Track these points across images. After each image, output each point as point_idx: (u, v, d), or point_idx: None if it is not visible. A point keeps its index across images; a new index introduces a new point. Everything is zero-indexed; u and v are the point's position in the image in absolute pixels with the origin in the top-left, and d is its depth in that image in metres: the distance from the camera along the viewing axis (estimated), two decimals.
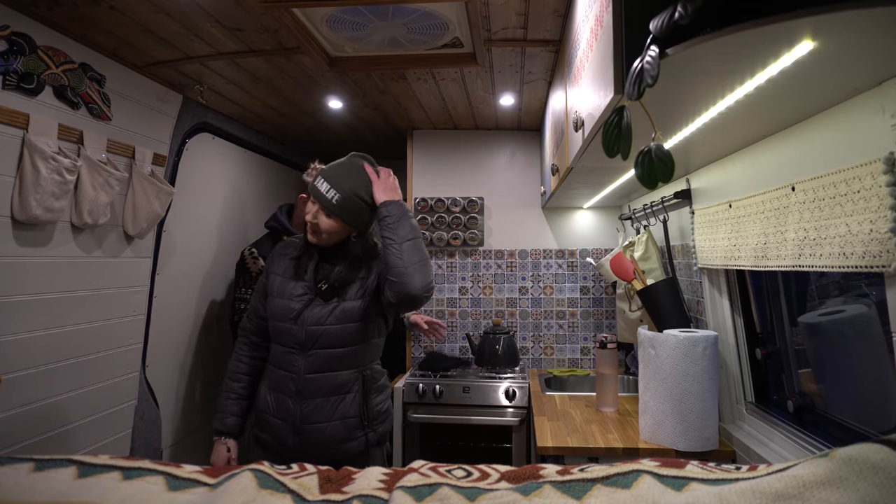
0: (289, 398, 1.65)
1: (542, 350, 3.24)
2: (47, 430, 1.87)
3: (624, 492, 0.66)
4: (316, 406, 1.64)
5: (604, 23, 1.11)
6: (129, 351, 2.29)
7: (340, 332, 1.65)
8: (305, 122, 3.06)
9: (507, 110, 2.87)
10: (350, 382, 1.67)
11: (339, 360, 1.66)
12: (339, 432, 1.65)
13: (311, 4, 1.63)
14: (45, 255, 1.84)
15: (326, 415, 1.64)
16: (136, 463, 0.81)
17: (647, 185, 0.91)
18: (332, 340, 1.64)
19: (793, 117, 1.23)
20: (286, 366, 1.67)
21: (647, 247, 2.38)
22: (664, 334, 1.77)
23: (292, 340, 1.66)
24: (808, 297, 1.59)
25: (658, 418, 1.79)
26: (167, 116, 2.37)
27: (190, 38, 1.88)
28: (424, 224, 3.26)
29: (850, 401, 1.41)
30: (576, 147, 1.58)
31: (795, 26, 0.74)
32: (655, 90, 0.82)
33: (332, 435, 1.64)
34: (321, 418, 1.64)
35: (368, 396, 1.70)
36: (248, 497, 0.71)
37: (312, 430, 1.63)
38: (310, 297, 1.67)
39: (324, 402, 1.64)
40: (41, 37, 1.72)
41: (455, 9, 1.69)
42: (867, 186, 1.01)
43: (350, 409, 1.66)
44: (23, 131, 1.69)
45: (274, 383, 1.69)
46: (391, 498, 0.72)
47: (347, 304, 1.66)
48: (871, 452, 0.57)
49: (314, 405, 1.64)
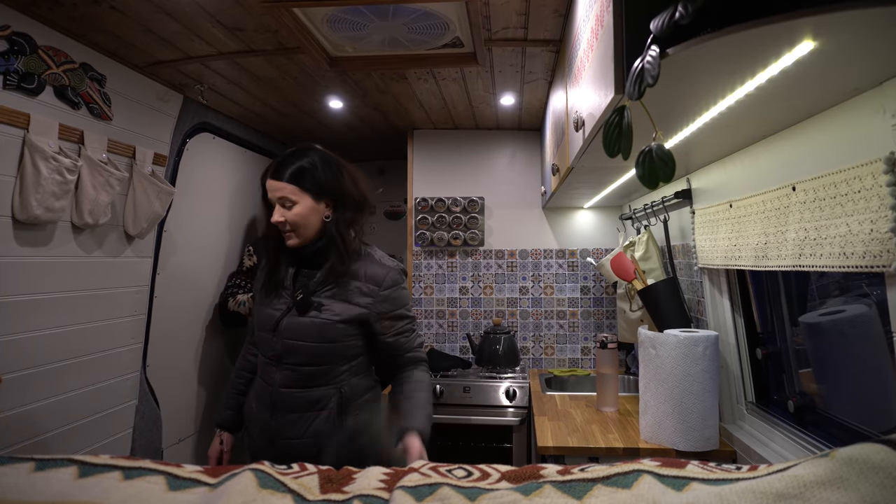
0: (266, 410, 1.58)
1: (543, 350, 3.24)
2: (47, 430, 1.87)
3: (624, 492, 0.66)
4: (289, 421, 1.55)
5: (604, 22, 1.11)
6: (130, 351, 2.29)
7: (316, 349, 1.54)
8: (306, 122, 3.06)
9: (508, 110, 2.87)
10: (325, 399, 1.56)
11: (314, 377, 1.55)
12: (312, 449, 1.54)
13: (312, 4, 1.63)
14: (46, 255, 1.84)
15: (299, 431, 1.55)
16: (137, 463, 0.81)
17: (648, 185, 0.91)
18: (307, 356, 1.54)
19: (793, 117, 1.23)
20: (265, 376, 1.61)
21: (647, 247, 2.37)
22: (665, 334, 1.77)
23: (270, 351, 1.58)
24: (809, 296, 1.58)
25: (658, 418, 1.79)
26: (168, 116, 2.37)
27: (190, 37, 1.88)
28: (425, 224, 3.26)
29: (850, 401, 1.41)
30: (576, 147, 1.58)
31: (796, 26, 0.74)
32: (656, 90, 0.82)
33: (306, 451, 1.53)
34: (294, 434, 1.55)
35: (345, 414, 1.57)
36: (249, 497, 0.71)
37: (285, 445, 1.54)
38: (288, 307, 1.56)
39: (297, 418, 1.55)
40: (42, 37, 1.72)
41: (455, 8, 1.69)
42: (868, 186, 1.00)
43: (324, 426, 1.55)
44: (23, 131, 1.69)
45: (256, 392, 1.65)
46: (392, 498, 0.72)
47: (326, 320, 1.53)
48: (871, 452, 0.57)
49: (288, 420, 1.55)
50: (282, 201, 1.52)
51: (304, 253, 1.59)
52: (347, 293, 1.56)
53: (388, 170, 4.22)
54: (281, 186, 1.52)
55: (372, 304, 1.57)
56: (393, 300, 1.60)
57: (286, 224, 1.53)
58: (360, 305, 1.56)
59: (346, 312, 1.55)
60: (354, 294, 1.56)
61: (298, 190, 1.52)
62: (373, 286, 1.57)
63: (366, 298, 1.56)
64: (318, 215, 1.56)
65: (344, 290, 1.56)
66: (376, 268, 1.59)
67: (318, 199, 1.55)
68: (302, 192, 1.52)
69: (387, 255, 1.67)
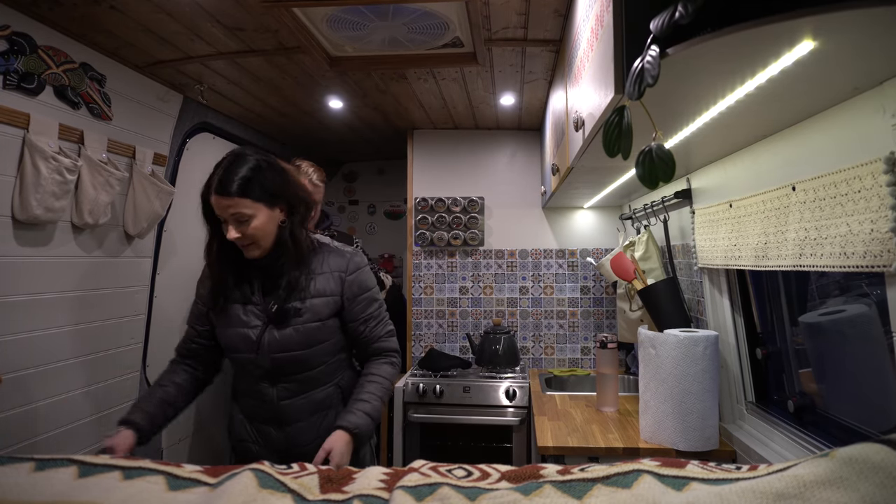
0: (270, 426, 1.56)
1: (543, 350, 3.24)
2: (47, 429, 1.87)
3: (624, 491, 0.66)
4: (299, 429, 1.55)
5: (604, 22, 1.11)
6: (130, 351, 2.29)
7: (308, 355, 1.53)
8: (306, 122, 3.06)
9: (508, 110, 2.87)
10: (328, 398, 1.58)
11: (311, 381, 1.55)
12: None
13: (312, 4, 1.63)
14: (46, 254, 1.84)
15: (311, 436, 1.54)
16: (137, 463, 0.81)
17: (648, 185, 0.91)
18: (300, 365, 1.53)
19: (793, 117, 1.23)
20: (255, 395, 1.55)
21: (647, 246, 2.37)
22: (664, 334, 1.77)
23: (257, 370, 1.53)
24: (809, 296, 1.58)
25: (658, 418, 1.79)
26: (168, 116, 2.37)
27: (190, 37, 1.88)
28: (425, 224, 3.26)
29: (850, 400, 1.41)
30: (576, 147, 1.58)
31: (796, 26, 0.74)
32: (656, 90, 0.82)
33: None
34: (306, 440, 1.55)
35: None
36: (249, 497, 0.71)
37: (300, 453, 1.50)
38: (264, 322, 1.50)
39: (306, 425, 1.55)
40: (42, 37, 1.72)
41: (455, 8, 1.69)
42: (868, 186, 1.00)
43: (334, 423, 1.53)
44: (23, 131, 1.69)
45: (249, 412, 1.59)
46: (392, 497, 0.72)
47: (310, 323, 1.51)
48: (871, 452, 0.57)
49: (297, 429, 1.55)
50: (236, 217, 1.42)
51: (261, 263, 1.51)
52: (318, 289, 1.54)
53: (387, 170, 4.23)
54: (232, 202, 1.40)
55: (341, 291, 1.56)
56: (360, 283, 1.59)
57: (243, 238, 1.44)
58: (333, 294, 1.55)
59: (325, 308, 1.54)
60: (324, 287, 1.55)
61: (251, 202, 1.42)
62: (338, 273, 1.57)
63: (333, 285, 1.55)
64: (275, 222, 1.49)
65: (314, 286, 1.53)
66: (335, 256, 1.59)
67: (272, 207, 1.47)
68: (255, 202, 1.43)
69: (340, 244, 1.65)
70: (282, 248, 1.50)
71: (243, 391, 1.60)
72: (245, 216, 1.42)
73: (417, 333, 3.29)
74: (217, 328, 1.57)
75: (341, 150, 3.83)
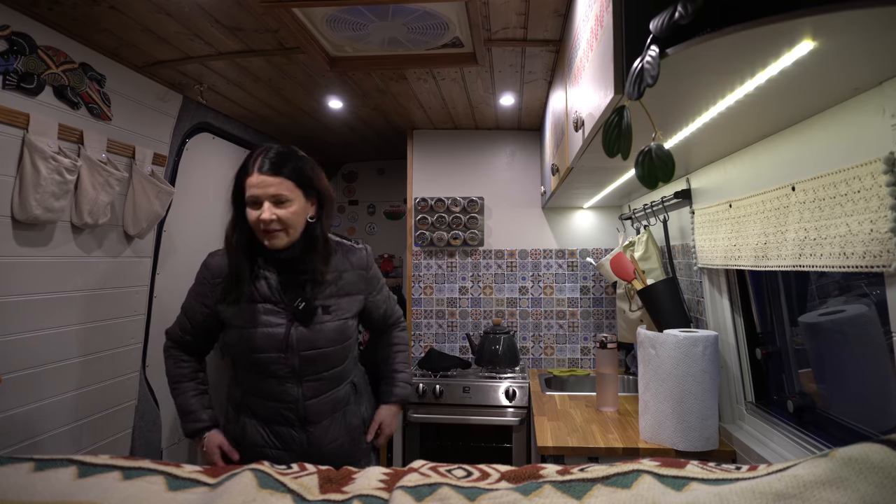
0: (291, 428, 1.55)
1: (543, 350, 3.24)
2: (47, 430, 1.87)
3: (624, 492, 0.66)
4: (322, 428, 1.57)
5: (604, 23, 1.11)
6: (130, 351, 2.29)
7: (337, 352, 1.56)
8: (306, 122, 3.06)
9: (508, 110, 2.87)
10: (346, 395, 1.63)
11: (335, 379, 1.59)
12: (347, 444, 1.61)
13: (312, 4, 1.63)
14: (45, 255, 1.84)
15: (334, 434, 1.58)
16: (137, 463, 0.81)
17: (648, 185, 0.91)
18: (329, 362, 1.55)
19: (793, 117, 1.23)
20: (279, 396, 1.53)
21: (647, 247, 2.38)
22: (664, 334, 1.77)
23: (283, 369, 1.51)
24: (809, 296, 1.59)
25: (658, 418, 1.79)
26: (167, 116, 2.37)
27: (190, 37, 1.88)
28: (424, 224, 3.26)
29: (850, 401, 1.41)
30: (576, 147, 1.58)
31: (796, 26, 0.74)
32: (656, 90, 0.82)
33: (342, 449, 1.59)
34: (329, 438, 1.58)
35: (361, 401, 1.68)
36: (249, 497, 0.71)
37: (322, 452, 1.55)
38: (290, 320, 1.50)
39: (329, 422, 1.58)
40: (41, 37, 1.72)
41: (455, 8, 1.69)
42: (867, 186, 1.00)
43: (352, 419, 1.63)
44: (23, 131, 1.69)
45: (266, 416, 1.55)
46: (391, 498, 0.72)
47: (340, 321, 1.55)
48: (871, 452, 0.57)
49: (321, 428, 1.56)
50: (275, 198, 1.43)
51: (282, 258, 1.51)
52: (346, 286, 1.59)
53: (387, 170, 4.23)
54: (276, 182, 1.43)
55: (365, 288, 1.65)
56: (378, 276, 1.72)
57: (276, 223, 1.43)
58: (360, 293, 1.63)
59: (353, 306, 1.61)
60: (351, 285, 1.60)
61: (295, 186, 1.46)
62: (361, 271, 1.63)
63: (360, 284, 1.63)
64: (305, 214, 1.51)
65: (341, 285, 1.57)
66: (355, 253, 1.64)
67: (307, 197, 1.50)
68: (297, 188, 1.46)
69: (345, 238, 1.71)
70: (311, 243, 1.52)
71: (261, 394, 1.55)
72: (284, 198, 1.44)
73: (417, 333, 3.29)
74: (230, 330, 1.53)
75: (341, 150, 3.83)
